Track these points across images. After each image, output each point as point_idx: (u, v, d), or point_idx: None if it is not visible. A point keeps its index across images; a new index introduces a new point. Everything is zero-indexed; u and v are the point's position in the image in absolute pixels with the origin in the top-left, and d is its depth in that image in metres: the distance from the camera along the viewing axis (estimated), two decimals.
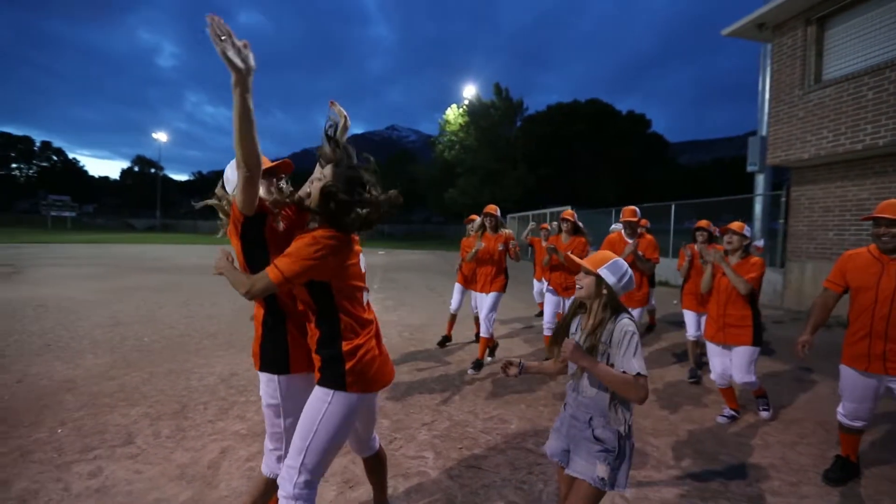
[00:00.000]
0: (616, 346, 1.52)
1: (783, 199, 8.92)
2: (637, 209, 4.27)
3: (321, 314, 1.58)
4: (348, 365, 1.55)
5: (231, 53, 1.21)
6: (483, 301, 4.48)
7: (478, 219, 4.77)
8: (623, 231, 4.30)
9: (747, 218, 11.40)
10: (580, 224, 4.92)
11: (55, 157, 78.71)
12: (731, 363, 3.24)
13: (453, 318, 5.15)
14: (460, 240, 5.18)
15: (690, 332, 4.33)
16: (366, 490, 2.33)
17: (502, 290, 4.48)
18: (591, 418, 1.57)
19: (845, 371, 2.49)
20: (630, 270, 1.63)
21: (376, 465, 1.94)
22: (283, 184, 1.73)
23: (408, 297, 8.94)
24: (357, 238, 1.67)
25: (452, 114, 38.41)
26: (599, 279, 1.60)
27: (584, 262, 1.65)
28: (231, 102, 1.29)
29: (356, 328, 1.59)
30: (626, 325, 1.54)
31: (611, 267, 1.60)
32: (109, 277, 10.48)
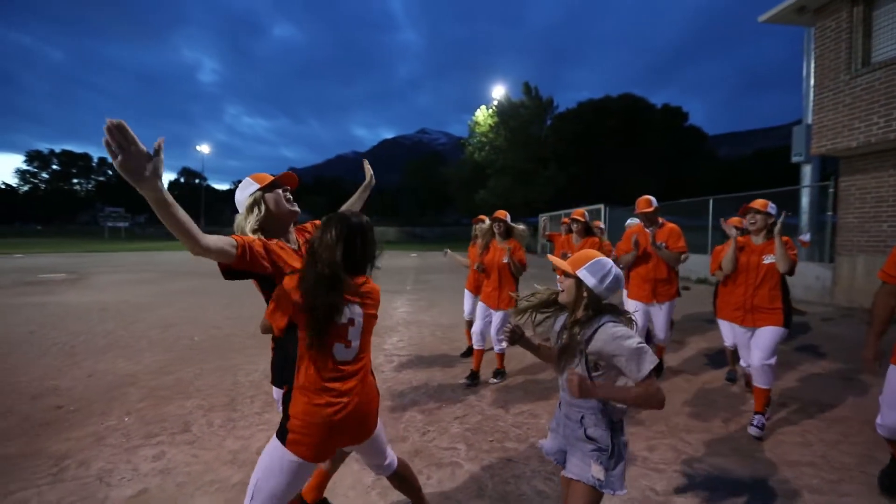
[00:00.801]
0: (608, 355, 1.43)
1: (831, 191, 8.46)
2: (652, 198, 3.90)
3: (285, 356, 1.58)
4: (290, 423, 1.49)
5: (128, 165, 1.12)
6: (492, 318, 4.02)
7: (487, 220, 4.29)
8: (643, 224, 4.01)
9: (793, 211, 10.86)
10: (599, 224, 4.82)
11: (110, 172, 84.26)
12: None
13: (470, 324, 4.75)
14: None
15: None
16: None
17: (511, 306, 4.00)
18: (582, 417, 1.51)
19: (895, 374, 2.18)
20: (616, 271, 1.51)
21: (400, 482, 1.90)
22: (289, 195, 1.78)
23: (438, 297, 9.08)
24: (359, 283, 1.57)
25: (482, 115, 38.41)
26: (580, 281, 1.50)
27: (564, 263, 1.56)
28: (266, 114, 1.42)
29: (309, 386, 1.50)
30: (610, 328, 1.44)
31: (590, 267, 1.49)
32: (160, 282, 11.19)
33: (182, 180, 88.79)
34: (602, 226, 5.96)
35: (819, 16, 7.81)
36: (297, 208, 1.79)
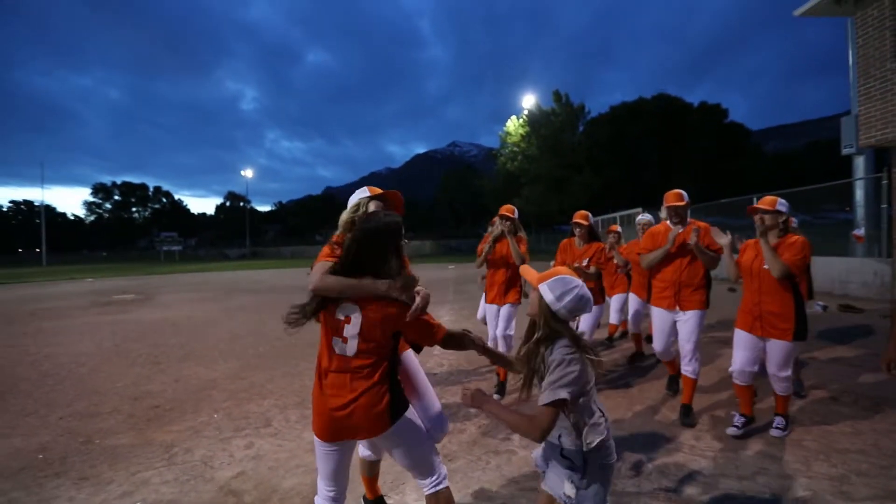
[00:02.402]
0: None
1: (884, 182, 8.12)
2: (684, 192, 3.46)
3: None
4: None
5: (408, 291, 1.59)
6: (498, 316, 4.03)
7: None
8: (670, 221, 3.50)
9: (848, 205, 10.39)
10: (616, 229, 4.52)
11: (164, 199, 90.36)
12: (764, 356, 2.86)
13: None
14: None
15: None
16: (464, 462, 2.72)
17: (517, 301, 3.99)
18: (560, 435, 1.49)
19: None
20: (580, 292, 1.42)
21: None
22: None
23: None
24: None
25: (513, 125, 38.71)
26: (541, 295, 1.45)
27: (529, 275, 1.54)
28: (303, 136, 1.82)
29: (316, 370, 1.72)
30: (559, 352, 1.41)
31: (551, 283, 1.43)
32: (218, 300, 12.03)
33: (228, 204, 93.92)
34: (619, 229, 5.54)
35: (859, 5, 7.60)
36: None
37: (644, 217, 4.58)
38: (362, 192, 2.02)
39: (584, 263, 3.97)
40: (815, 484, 2.34)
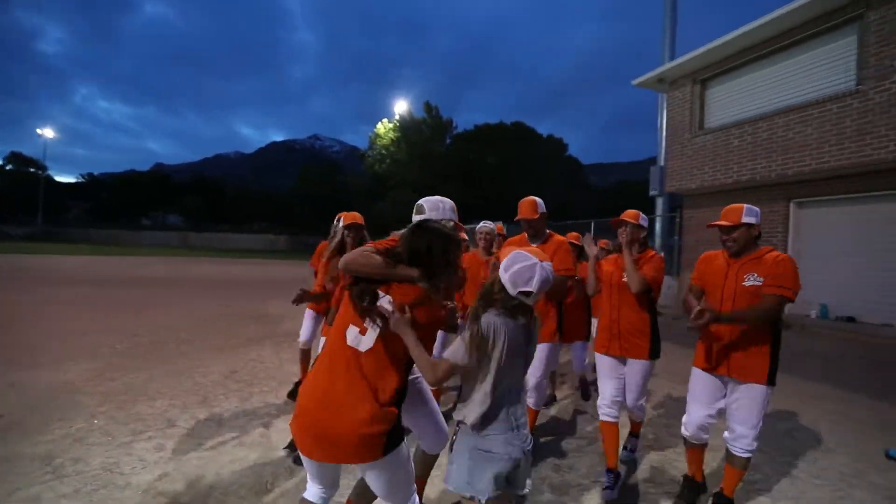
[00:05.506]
0: None
1: (677, 220, 10.91)
2: (539, 201, 2.91)
3: None
4: None
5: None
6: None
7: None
8: (527, 235, 2.98)
9: (649, 235, 13.52)
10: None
11: None
12: (624, 382, 2.63)
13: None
14: None
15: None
16: None
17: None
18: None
19: (695, 372, 2.34)
20: (520, 267, 1.41)
21: None
22: None
23: None
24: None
25: (383, 128, 39.10)
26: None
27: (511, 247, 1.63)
28: (129, 98, 2.10)
29: (317, 360, 1.59)
30: (486, 318, 1.43)
31: (513, 255, 1.46)
32: (21, 291, 9.60)
33: (10, 168, 72.58)
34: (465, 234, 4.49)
35: (672, 87, 10.14)
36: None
37: (485, 225, 3.98)
38: (448, 212, 2.08)
39: None
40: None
